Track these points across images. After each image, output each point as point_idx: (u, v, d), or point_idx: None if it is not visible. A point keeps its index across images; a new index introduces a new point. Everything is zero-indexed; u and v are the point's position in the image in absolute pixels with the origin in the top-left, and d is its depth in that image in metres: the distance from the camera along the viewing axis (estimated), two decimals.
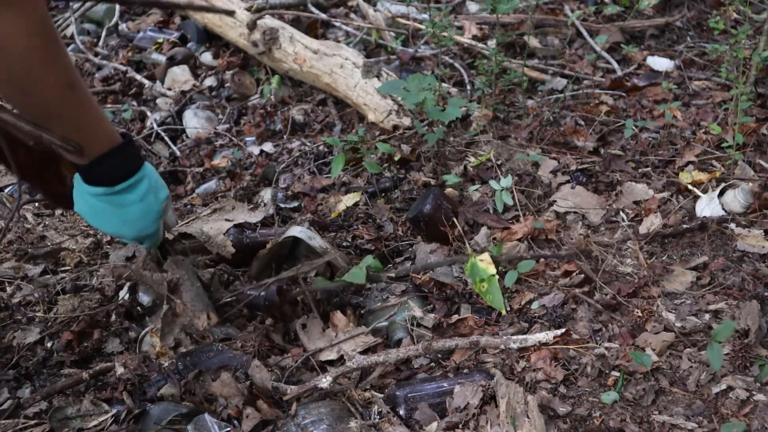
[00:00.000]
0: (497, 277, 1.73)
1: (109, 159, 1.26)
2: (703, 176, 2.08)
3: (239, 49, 3.19)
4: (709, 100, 2.53)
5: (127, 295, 1.83)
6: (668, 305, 1.67)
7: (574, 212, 2.01)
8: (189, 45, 3.37)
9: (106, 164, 1.26)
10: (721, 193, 1.96)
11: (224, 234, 1.93)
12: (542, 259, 1.83)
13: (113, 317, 1.78)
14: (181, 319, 1.68)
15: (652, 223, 1.94)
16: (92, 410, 1.48)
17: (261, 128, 2.78)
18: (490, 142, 2.28)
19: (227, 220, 2.01)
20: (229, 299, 1.79)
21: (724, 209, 1.92)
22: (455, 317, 1.73)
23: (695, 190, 2.04)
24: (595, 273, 1.77)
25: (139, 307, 1.80)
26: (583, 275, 1.76)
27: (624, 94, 2.61)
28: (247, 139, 2.75)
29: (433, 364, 1.60)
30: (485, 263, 1.75)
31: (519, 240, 1.92)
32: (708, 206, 1.94)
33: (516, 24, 3.16)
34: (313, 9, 3.29)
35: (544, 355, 1.54)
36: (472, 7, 3.42)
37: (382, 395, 1.51)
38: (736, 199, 1.92)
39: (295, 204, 2.25)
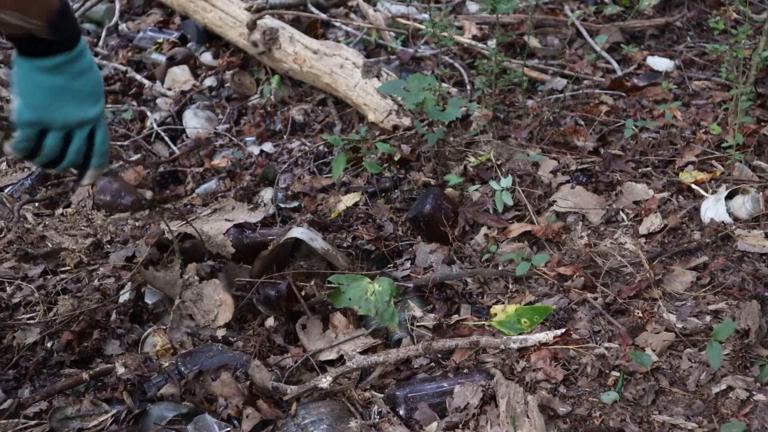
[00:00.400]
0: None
1: (62, 20, 1.14)
2: (703, 176, 2.08)
3: (239, 49, 3.18)
4: (709, 100, 2.53)
5: (127, 296, 1.83)
6: (669, 306, 1.67)
7: (574, 212, 2.01)
8: (189, 45, 3.37)
9: (61, 26, 1.14)
10: (729, 197, 1.94)
11: (224, 234, 1.94)
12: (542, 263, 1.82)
13: (113, 317, 1.78)
14: (189, 320, 1.71)
15: (652, 223, 1.94)
16: (92, 410, 1.48)
17: (261, 128, 2.78)
18: (490, 142, 2.28)
19: (227, 220, 2.01)
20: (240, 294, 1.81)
21: (729, 213, 1.91)
22: (455, 317, 1.73)
23: (700, 190, 2.03)
24: (596, 276, 1.78)
25: (143, 308, 1.80)
26: (583, 278, 1.77)
27: (624, 94, 2.61)
28: (247, 139, 2.75)
29: (433, 364, 1.60)
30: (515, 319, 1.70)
31: (518, 239, 1.92)
32: (713, 208, 1.92)
33: (516, 24, 3.16)
34: (313, 9, 3.29)
35: (544, 355, 1.54)
36: (472, 7, 3.42)
37: (382, 395, 1.51)
38: (744, 206, 1.91)
39: (295, 204, 2.25)
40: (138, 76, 3.18)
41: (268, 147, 2.68)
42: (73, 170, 1.28)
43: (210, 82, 3.13)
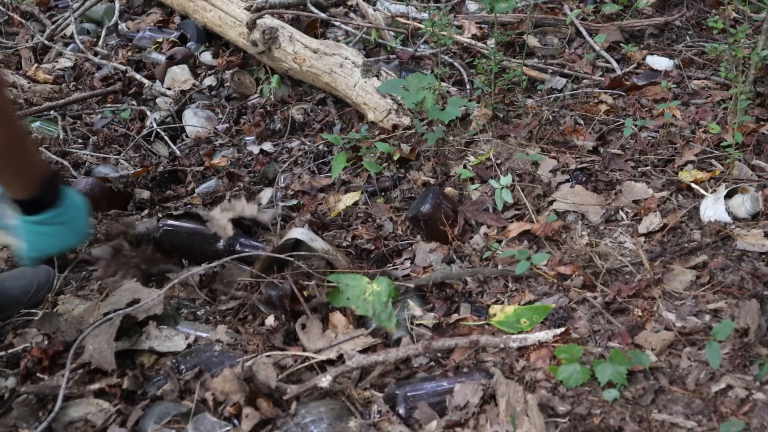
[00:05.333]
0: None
1: (48, 186, 1.47)
2: (702, 175, 2.08)
3: (239, 49, 3.19)
4: (708, 99, 2.53)
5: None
6: (668, 305, 1.68)
7: (574, 211, 2.02)
8: (188, 44, 3.37)
9: (47, 191, 1.47)
10: (728, 196, 1.94)
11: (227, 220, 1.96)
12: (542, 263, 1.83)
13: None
14: None
15: (651, 222, 1.94)
16: (93, 411, 1.48)
17: (261, 128, 2.78)
18: (489, 142, 2.28)
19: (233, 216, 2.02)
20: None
21: (728, 212, 1.91)
22: (455, 316, 1.73)
23: (699, 189, 2.03)
24: (596, 275, 1.78)
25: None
26: (582, 277, 1.77)
27: (623, 93, 2.61)
28: (247, 138, 2.76)
29: (432, 363, 1.60)
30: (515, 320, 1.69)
31: (518, 239, 1.92)
32: (712, 207, 1.93)
33: (515, 23, 3.17)
34: (312, 8, 3.29)
35: (544, 354, 1.55)
36: (472, 7, 3.42)
37: (381, 394, 1.51)
38: (743, 205, 1.91)
39: (294, 202, 2.25)
40: (138, 76, 3.18)
41: (267, 146, 2.68)
42: None
43: (210, 81, 3.13)
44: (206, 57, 3.28)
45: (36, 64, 3.40)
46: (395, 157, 2.28)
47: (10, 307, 1.79)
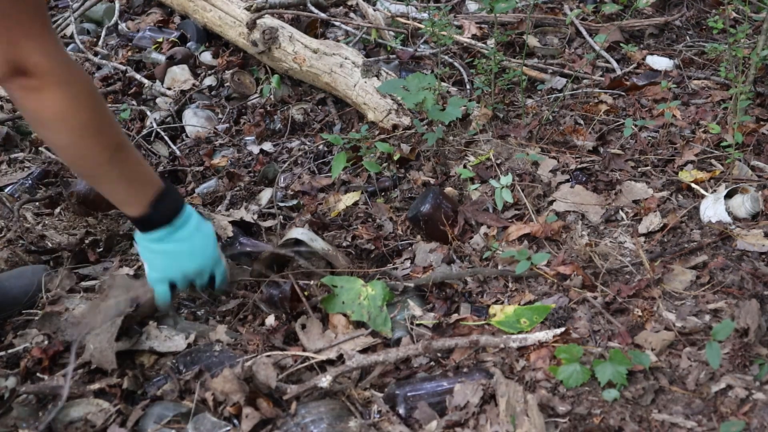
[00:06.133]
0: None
1: (161, 202, 1.43)
2: (702, 175, 2.08)
3: (239, 49, 3.19)
4: (708, 99, 2.53)
5: None
6: (668, 305, 1.68)
7: (574, 211, 2.02)
8: (188, 44, 3.37)
9: (160, 207, 1.43)
10: (728, 196, 1.94)
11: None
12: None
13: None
14: None
15: (651, 222, 1.94)
16: (93, 411, 1.48)
17: (260, 128, 2.78)
18: (489, 141, 2.28)
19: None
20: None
21: (728, 212, 1.91)
22: (455, 316, 1.73)
23: (699, 189, 2.03)
24: (596, 275, 1.78)
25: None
26: (581, 277, 1.77)
27: (623, 93, 2.61)
28: (247, 138, 2.76)
29: (432, 363, 1.60)
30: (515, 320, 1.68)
31: (518, 240, 1.92)
32: (712, 207, 1.93)
33: (515, 23, 3.17)
34: (312, 8, 3.29)
35: (544, 354, 1.55)
36: (472, 6, 3.42)
37: (381, 394, 1.51)
38: (744, 205, 1.91)
39: (294, 202, 2.25)
40: (137, 76, 3.18)
41: (267, 146, 2.68)
42: None
43: (210, 81, 3.13)
44: (206, 57, 3.28)
45: None
46: (395, 157, 2.28)
47: (10, 307, 1.78)
